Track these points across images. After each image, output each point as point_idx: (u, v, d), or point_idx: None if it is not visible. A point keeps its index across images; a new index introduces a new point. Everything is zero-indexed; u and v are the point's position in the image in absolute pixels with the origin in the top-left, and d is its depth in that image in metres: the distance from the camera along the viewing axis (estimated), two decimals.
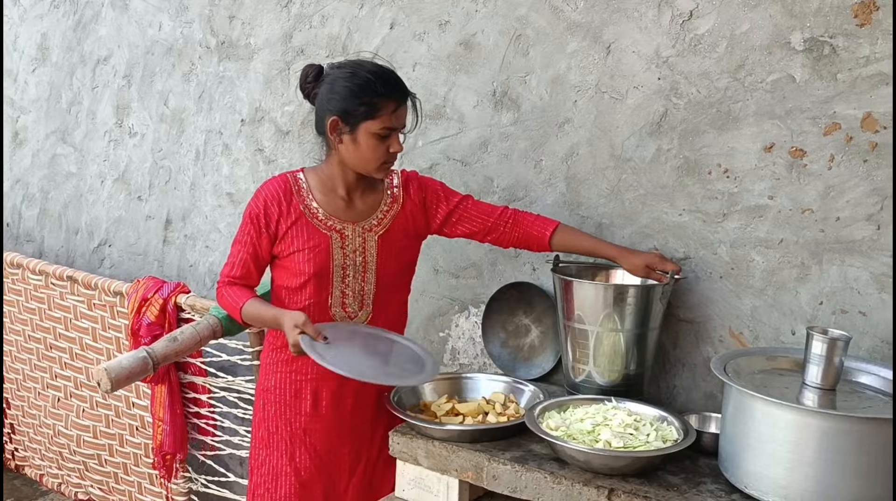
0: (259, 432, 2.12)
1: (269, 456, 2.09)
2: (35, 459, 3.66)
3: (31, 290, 3.31)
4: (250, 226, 2.01)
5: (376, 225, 2.06)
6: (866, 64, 1.84)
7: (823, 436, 1.46)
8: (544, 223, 2.11)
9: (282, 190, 2.02)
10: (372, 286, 2.06)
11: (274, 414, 2.09)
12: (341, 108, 1.90)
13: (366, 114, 1.89)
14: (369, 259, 2.05)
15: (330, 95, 1.92)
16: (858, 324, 1.90)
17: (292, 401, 2.07)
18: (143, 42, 3.38)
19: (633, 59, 2.16)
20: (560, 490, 1.69)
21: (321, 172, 2.06)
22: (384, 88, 1.90)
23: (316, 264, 1.99)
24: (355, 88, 1.89)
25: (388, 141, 1.93)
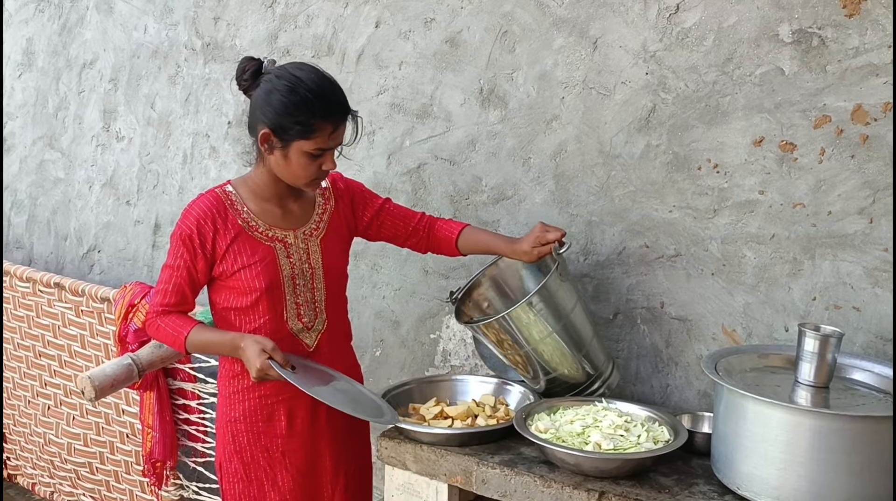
0: (232, 466, 1.98)
1: (249, 487, 1.97)
2: (27, 468, 3.63)
3: (19, 297, 3.28)
4: (182, 248, 1.86)
5: (315, 229, 1.99)
6: (856, 55, 1.81)
7: (815, 435, 1.43)
8: (452, 228, 2.08)
9: (214, 207, 1.89)
10: (322, 293, 1.98)
11: (248, 444, 1.96)
12: (275, 122, 1.78)
13: (300, 133, 1.77)
14: (315, 265, 1.96)
15: (265, 106, 1.79)
16: (852, 320, 1.87)
17: (265, 427, 1.96)
18: (128, 45, 3.35)
19: (620, 54, 2.13)
20: (550, 494, 1.66)
21: (251, 181, 1.94)
22: (323, 110, 1.77)
23: (266, 278, 1.88)
24: (291, 106, 1.75)
25: (320, 159, 1.83)
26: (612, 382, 2.05)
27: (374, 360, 2.73)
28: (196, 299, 1.95)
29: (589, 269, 2.22)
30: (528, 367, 1.99)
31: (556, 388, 2.03)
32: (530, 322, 1.88)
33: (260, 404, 1.95)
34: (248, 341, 1.78)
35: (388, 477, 1.93)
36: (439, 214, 2.51)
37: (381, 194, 2.52)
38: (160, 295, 1.90)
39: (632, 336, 2.18)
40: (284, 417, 1.96)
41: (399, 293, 2.64)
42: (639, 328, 2.17)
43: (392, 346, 2.68)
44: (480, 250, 2.09)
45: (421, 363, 2.63)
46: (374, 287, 2.69)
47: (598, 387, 2.02)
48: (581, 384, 2.01)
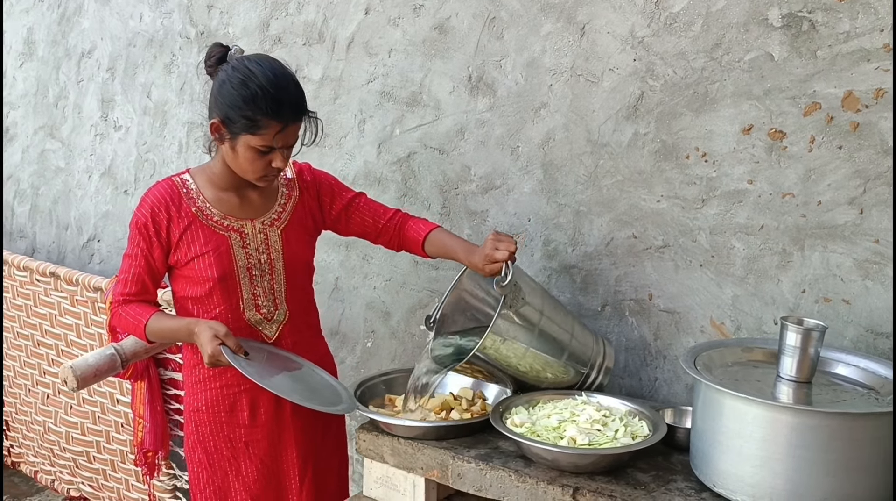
0: (196, 455, 1.98)
1: (213, 477, 1.97)
2: (29, 456, 3.66)
3: (18, 286, 3.29)
4: (139, 237, 1.86)
5: (276, 219, 1.96)
6: (846, 40, 1.75)
7: (792, 432, 1.38)
8: (420, 228, 2.02)
9: (168, 195, 1.87)
10: (282, 284, 1.96)
11: (210, 433, 1.96)
12: (224, 113, 1.75)
13: (246, 128, 1.74)
14: (275, 256, 1.94)
15: (218, 96, 1.77)
16: (842, 313, 1.82)
17: (227, 417, 1.95)
18: (124, 34, 3.34)
19: (607, 41, 2.08)
20: (525, 489, 1.63)
21: (209, 170, 1.92)
22: (271, 108, 1.73)
23: (219, 268, 1.86)
24: (240, 99, 1.72)
25: (269, 156, 1.80)
26: (608, 363, 1.97)
27: (366, 351, 2.71)
28: (157, 287, 1.94)
29: (577, 260, 2.18)
30: (516, 382, 1.94)
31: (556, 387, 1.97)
32: (499, 352, 1.80)
33: (222, 393, 1.94)
34: (202, 326, 1.77)
35: (367, 470, 1.91)
36: (429, 204, 2.48)
37: (372, 184, 2.50)
38: (121, 285, 1.89)
39: (620, 329, 2.14)
40: (247, 407, 1.95)
41: (389, 284, 2.61)
42: (627, 320, 2.13)
43: (383, 337, 2.66)
44: (442, 255, 2.02)
45: (412, 355, 2.60)
46: (365, 278, 2.67)
47: (596, 377, 1.97)
48: (576, 383, 1.96)
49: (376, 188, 2.59)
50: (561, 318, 1.92)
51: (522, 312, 1.82)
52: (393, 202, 2.55)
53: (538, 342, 1.85)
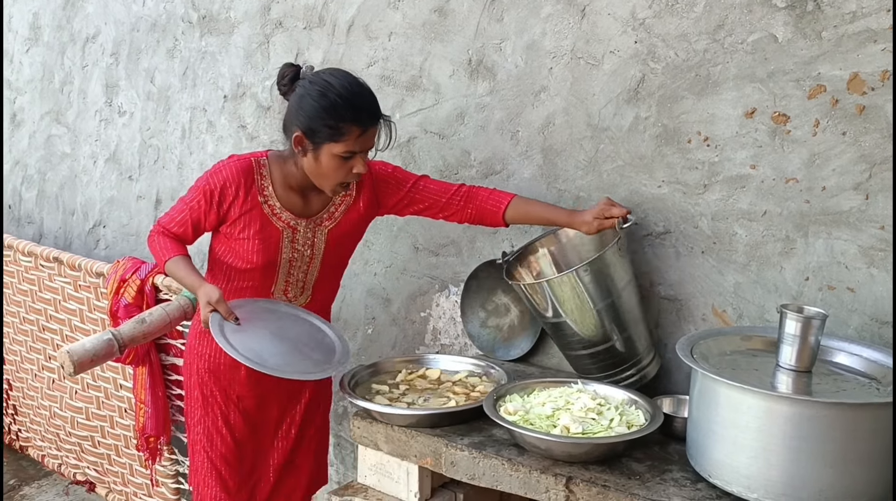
0: (194, 393, 2.14)
1: (205, 417, 2.13)
2: (37, 440, 3.68)
3: (23, 271, 3.29)
4: (202, 198, 1.95)
5: (327, 219, 2.04)
6: (853, 20, 1.70)
7: (788, 422, 1.35)
8: (499, 198, 2.02)
9: (244, 174, 1.95)
10: (315, 275, 2.07)
11: (209, 379, 2.11)
12: (307, 125, 1.84)
13: (330, 136, 1.83)
14: (316, 252, 2.04)
15: (298, 110, 1.86)
16: (846, 301, 1.78)
17: (227, 371, 2.09)
18: (128, 19, 3.32)
19: (608, 22, 2.03)
20: (517, 478, 1.61)
21: (284, 166, 1.98)
22: (351, 114, 1.82)
23: (264, 256, 1.97)
24: (321, 109, 1.82)
25: (350, 162, 1.88)
26: (650, 372, 1.96)
27: (367, 338, 2.69)
28: (196, 239, 2.04)
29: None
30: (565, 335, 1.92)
31: (591, 365, 1.95)
32: (574, 291, 1.83)
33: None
34: (201, 290, 1.85)
35: (361, 457, 1.90)
36: None
37: None
38: (168, 219, 1.99)
39: None
40: (244, 371, 2.06)
41: (390, 271, 2.59)
42: None
43: (383, 324, 2.64)
44: (533, 221, 2.05)
45: (412, 342, 2.58)
46: (366, 264, 2.65)
47: (634, 373, 1.93)
48: (614, 364, 1.92)
49: None
50: (635, 303, 1.91)
51: (617, 267, 1.85)
52: None
53: (607, 310, 1.85)
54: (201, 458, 2.15)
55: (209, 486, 2.15)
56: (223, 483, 2.15)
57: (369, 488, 1.88)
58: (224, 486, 2.15)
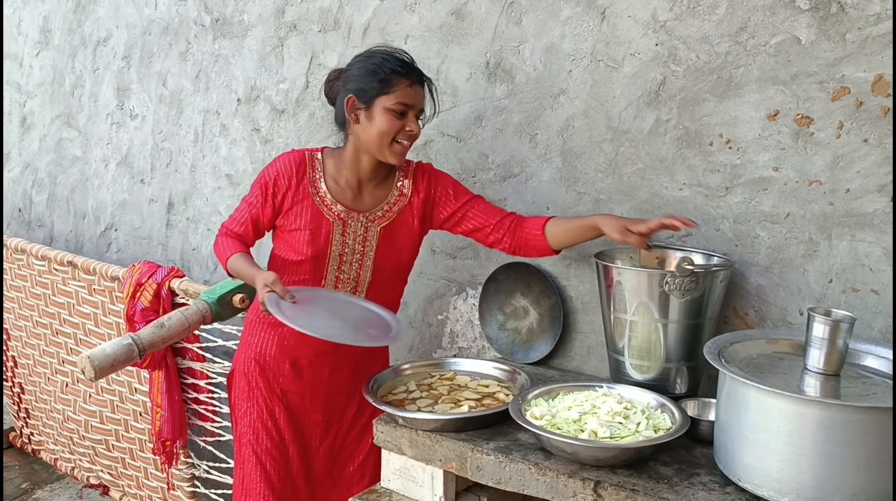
0: (240, 382, 2.17)
1: (251, 410, 2.15)
2: (49, 443, 3.68)
3: (36, 275, 3.29)
4: (258, 192, 2.02)
5: (381, 216, 2.06)
6: (877, 22, 1.69)
7: (819, 426, 1.35)
8: (537, 222, 2.02)
9: (296, 165, 2.02)
10: (368, 275, 2.08)
11: (255, 369, 2.14)
12: (357, 87, 1.92)
13: (380, 89, 1.90)
14: (368, 249, 2.05)
15: (346, 80, 1.96)
16: (870, 303, 1.77)
17: (273, 363, 2.13)
18: (140, 22, 3.32)
19: (629, 25, 2.03)
20: (545, 483, 1.60)
21: (338, 156, 2.05)
22: (398, 65, 1.92)
23: (314, 247, 2.01)
24: (370, 66, 1.92)
25: (404, 119, 1.93)
26: (678, 389, 1.90)
27: None
28: (259, 238, 2.08)
29: (597, 249, 2.14)
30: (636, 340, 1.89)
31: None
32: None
33: (272, 342, 2.14)
34: (259, 276, 1.88)
35: (385, 461, 1.89)
36: None
37: None
38: (231, 221, 2.06)
39: None
40: (289, 363, 2.13)
41: None
42: None
43: None
44: (575, 238, 1.99)
45: (429, 345, 2.58)
46: None
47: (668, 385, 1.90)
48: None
49: None
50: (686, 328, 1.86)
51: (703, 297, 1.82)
52: None
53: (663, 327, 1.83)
54: (247, 452, 2.15)
55: (254, 482, 2.15)
56: (268, 480, 2.14)
57: (393, 492, 1.87)
58: (269, 483, 2.14)
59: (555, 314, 2.22)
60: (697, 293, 1.79)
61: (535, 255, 2.06)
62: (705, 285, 1.79)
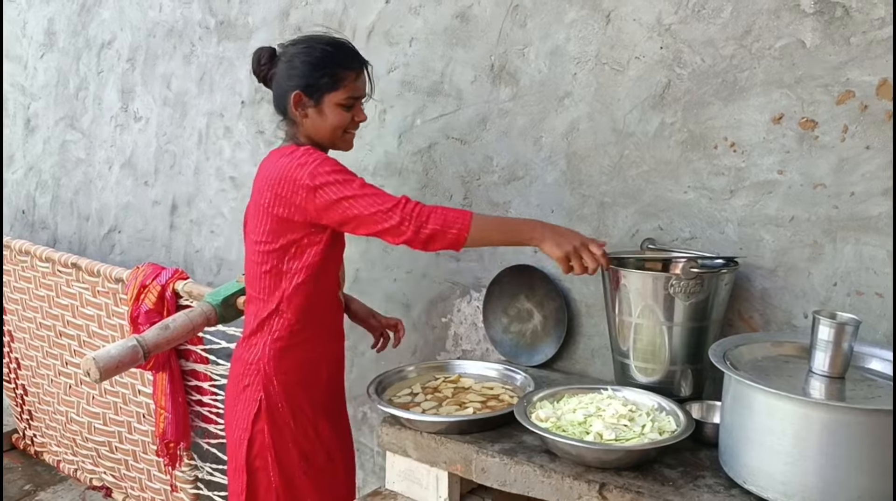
0: (281, 417, 1.96)
1: (298, 436, 1.99)
2: (52, 445, 3.68)
3: (40, 277, 3.30)
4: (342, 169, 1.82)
5: None
6: (882, 26, 1.70)
7: (825, 429, 1.35)
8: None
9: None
10: (342, 270, 2.08)
11: (299, 394, 1.99)
12: (303, 82, 1.87)
13: (329, 85, 1.87)
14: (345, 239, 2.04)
15: (290, 72, 1.89)
16: (875, 306, 1.78)
17: (312, 379, 2.02)
18: (144, 24, 3.33)
19: (634, 28, 2.04)
20: (550, 485, 1.61)
21: None
22: (344, 59, 1.89)
23: (338, 253, 2.00)
24: (315, 61, 1.87)
25: (352, 111, 1.92)
26: (682, 392, 1.90)
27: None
28: None
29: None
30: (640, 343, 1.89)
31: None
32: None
33: (303, 358, 2.00)
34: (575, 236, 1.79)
35: (389, 464, 1.89)
36: (451, 195, 2.45)
37: (393, 175, 2.55)
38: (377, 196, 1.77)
39: None
40: (325, 370, 2.07)
41: (410, 276, 2.59)
42: None
43: None
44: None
45: (433, 347, 2.58)
46: (386, 269, 2.65)
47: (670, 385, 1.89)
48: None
49: (397, 179, 2.57)
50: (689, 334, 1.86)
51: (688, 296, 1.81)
52: (414, 193, 2.53)
53: (668, 330, 1.83)
54: (304, 484, 2.01)
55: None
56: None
57: (398, 494, 1.88)
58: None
59: (559, 317, 2.22)
60: (702, 296, 1.79)
61: None
62: (710, 287, 1.80)
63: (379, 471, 2.75)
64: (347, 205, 1.76)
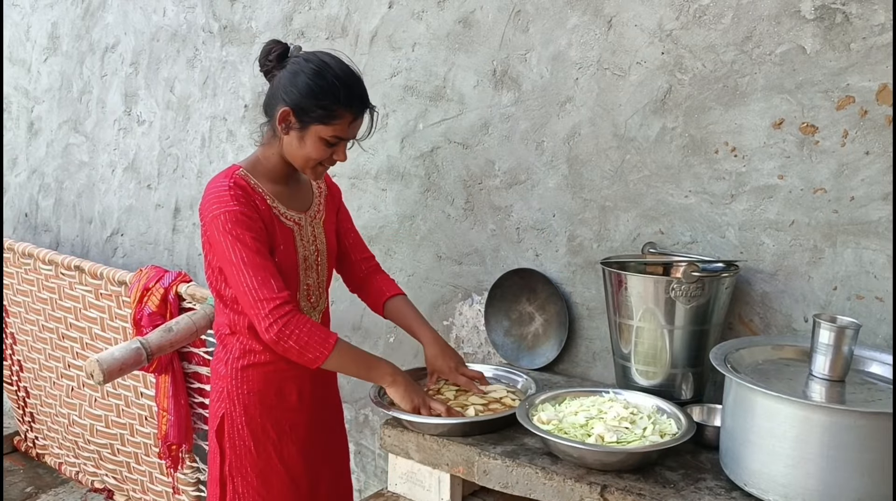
0: (241, 440, 1.92)
1: (258, 460, 1.93)
2: (54, 448, 3.69)
3: (43, 280, 3.31)
4: (242, 229, 1.74)
5: (318, 212, 1.99)
6: (881, 32, 1.71)
7: (826, 432, 1.36)
8: (386, 289, 2.14)
9: (238, 186, 1.78)
10: (325, 275, 2.00)
11: (260, 416, 1.92)
12: (297, 103, 1.75)
13: (321, 118, 1.75)
14: (321, 248, 1.97)
15: (290, 86, 1.76)
16: (875, 310, 1.79)
17: (276, 400, 1.93)
18: (148, 28, 3.35)
19: (635, 34, 2.05)
20: (552, 487, 1.62)
21: (261, 163, 1.88)
22: (346, 99, 1.76)
23: (287, 260, 1.87)
24: (317, 88, 1.74)
25: (334, 148, 1.81)
26: (684, 395, 1.92)
27: (388, 346, 2.70)
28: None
29: (602, 256, 2.16)
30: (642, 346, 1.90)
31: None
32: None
33: (271, 379, 1.92)
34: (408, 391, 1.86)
35: (392, 465, 1.90)
36: (452, 199, 2.47)
37: (395, 179, 2.56)
38: (265, 288, 1.73)
39: None
40: (295, 392, 1.96)
41: (412, 279, 2.61)
42: None
43: (403, 334, 2.64)
44: (402, 326, 2.12)
45: None
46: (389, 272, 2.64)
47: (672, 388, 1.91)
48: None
49: (399, 183, 2.58)
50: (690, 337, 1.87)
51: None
52: (416, 198, 2.54)
53: (669, 333, 1.85)
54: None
55: None
56: None
57: (400, 496, 1.89)
58: None
59: (560, 320, 2.23)
60: (703, 300, 1.81)
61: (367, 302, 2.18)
62: (711, 291, 1.81)
63: (381, 474, 2.76)
64: (234, 271, 1.74)
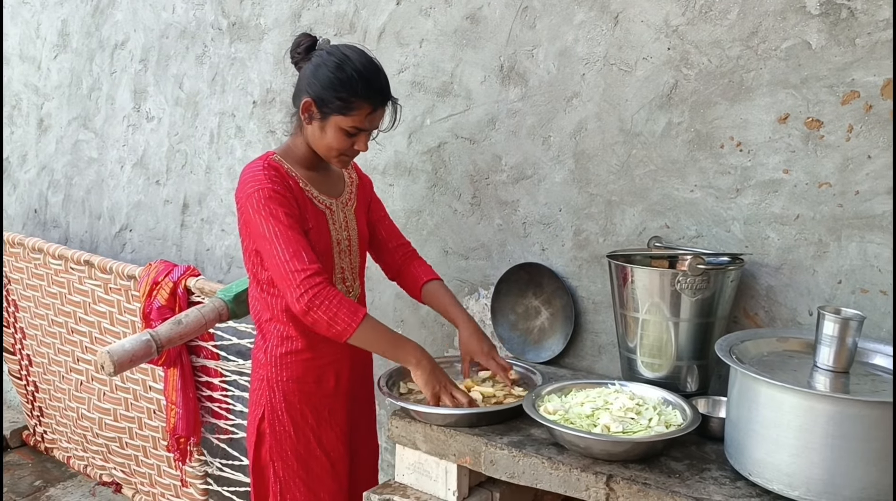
0: (281, 425, 2.00)
1: (297, 445, 2.01)
2: (62, 441, 3.72)
3: (53, 274, 3.34)
4: (276, 204, 1.82)
5: (349, 199, 2.08)
6: (886, 27, 1.73)
7: (830, 421, 1.37)
8: (423, 274, 2.19)
9: (271, 167, 1.88)
10: (357, 260, 2.08)
11: (299, 403, 2.00)
12: (318, 94, 1.84)
13: (339, 109, 1.83)
14: (352, 234, 2.05)
15: (312, 78, 1.85)
16: (879, 304, 1.80)
17: (315, 387, 2.01)
18: (157, 25, 3.37)
19: (641, 29, 2.07)
20: (558, 476, 1.63)
21: (292, 151, 1.97)
22: (365, 90, 1.83)
23: (322, 242, 1.94)
24: (336, 81, 1.82)
25: (354, 138, 1.89)
26: (688, 387, 1.93)
27: None
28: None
29: (608, 250, 2.17)
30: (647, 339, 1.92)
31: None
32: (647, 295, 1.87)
33: (311, 365, 2.01)
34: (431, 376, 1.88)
35: (399, 456, 1.92)
36: (459, 194, 2.49)
37: (403, 174, 2.58)
38: (296, 259, 1.79)
39: None
40: (333, 377, 2.04)
41: None
42: None
43: (412, 326, 2.67)
44: (438, 309, 2.16)
45: (441, 344, 2.61)
46: None
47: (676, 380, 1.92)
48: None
49: (406, 178, 2.60)
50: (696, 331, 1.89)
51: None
52: (423, 193, 2.56)
53: (675, 326, 1.86)
54: (301, 491, 2.03)
55: None
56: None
57: (407, 487, 1.90)
58: None
59: (566, 314, 2.25)
60: (708, 293, 1.82)
61: (406, 291, 2.24)
62: (716, 284, 1.82)
63: (387, 467, 2.77)
64: (267, 246, 1.82)
